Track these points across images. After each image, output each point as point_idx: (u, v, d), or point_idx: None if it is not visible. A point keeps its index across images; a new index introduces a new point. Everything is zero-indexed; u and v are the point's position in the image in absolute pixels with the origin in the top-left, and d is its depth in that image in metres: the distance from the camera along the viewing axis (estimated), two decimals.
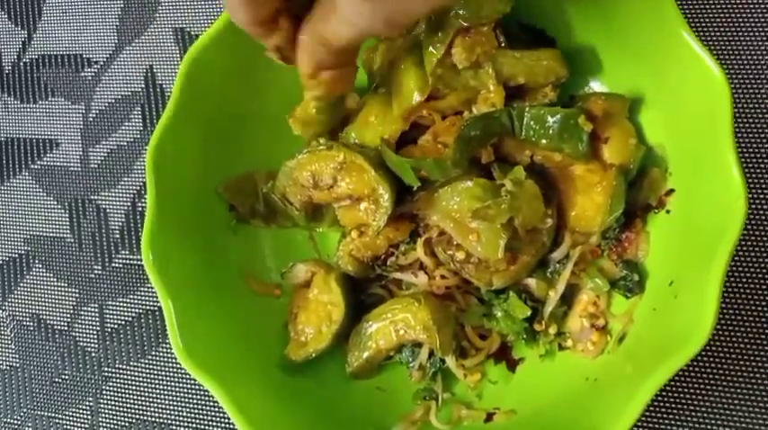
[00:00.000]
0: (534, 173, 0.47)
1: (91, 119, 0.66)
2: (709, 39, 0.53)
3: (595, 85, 0.49)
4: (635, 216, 0.47)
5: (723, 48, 0.53)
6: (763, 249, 0.50)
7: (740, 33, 0.53)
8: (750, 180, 0.51)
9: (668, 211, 0.46)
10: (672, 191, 0.46)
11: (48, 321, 0.62)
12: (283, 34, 0.38)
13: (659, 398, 0.49)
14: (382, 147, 0.46)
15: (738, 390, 0.48)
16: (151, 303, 0.60)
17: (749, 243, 0.50)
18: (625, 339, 0.45)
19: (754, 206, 0.51)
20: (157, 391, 0.58)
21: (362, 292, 0.52)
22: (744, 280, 0.50)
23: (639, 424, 0.48)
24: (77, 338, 0.61)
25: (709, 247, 0.40)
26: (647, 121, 0.47)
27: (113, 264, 0.62)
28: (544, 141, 0.45)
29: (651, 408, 0.49)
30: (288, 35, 0.38)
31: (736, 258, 0.50)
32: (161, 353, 0.58)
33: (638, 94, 0.47)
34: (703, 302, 0.38)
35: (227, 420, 0.56)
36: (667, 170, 0.46)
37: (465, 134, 0.45)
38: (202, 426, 0.56)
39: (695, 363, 0.49)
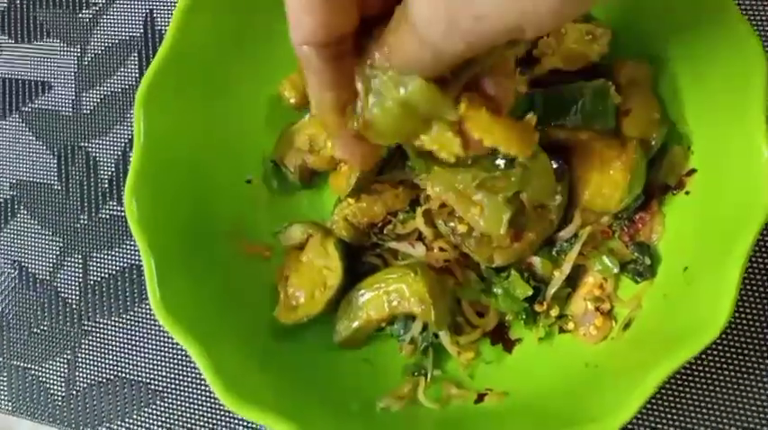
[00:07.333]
0: (544, 146, 0.44)
1: (86, 62, 0.63)
2: (746, 8, 0.50)
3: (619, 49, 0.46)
4: (651, 196, 0.44)
5: (761, 18, 0.49)
6: None
7: None
8: None
9: (687, 193, 0.43)
10: (693, 171, 0.43)
11: (29, 269, 0.60)
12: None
13: (661, 392, 0.46)
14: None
15: (746, 390, 0.45)
16: (136, 258, 0.57)
17: None
18: (631, 326, 0.42)
19: None
20: (137, 349, 0.55)
21: (356, 260, 0.49)
22: (762, 271, 0.47)
23: (638, 417, 0.46)
24: (59, 289, 0.59)
25: (730, 233, 0.37)
26: (670, 92, 0.44)
27: (100, 215, 0.59)
28: (568, 120, 0.42)
29: (652, 402, 0.46)
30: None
31: (757, 247, 0.47)
32: (143, 310, 0.56)
33: (663, 60, 0.44)
34: (720, 291, 0.35)
35: (207, 383, 0.53)
36: (690, 148, 0.43)
37: None
38: (182, 388, 0.54)
39: (702, 357, 0.46)
